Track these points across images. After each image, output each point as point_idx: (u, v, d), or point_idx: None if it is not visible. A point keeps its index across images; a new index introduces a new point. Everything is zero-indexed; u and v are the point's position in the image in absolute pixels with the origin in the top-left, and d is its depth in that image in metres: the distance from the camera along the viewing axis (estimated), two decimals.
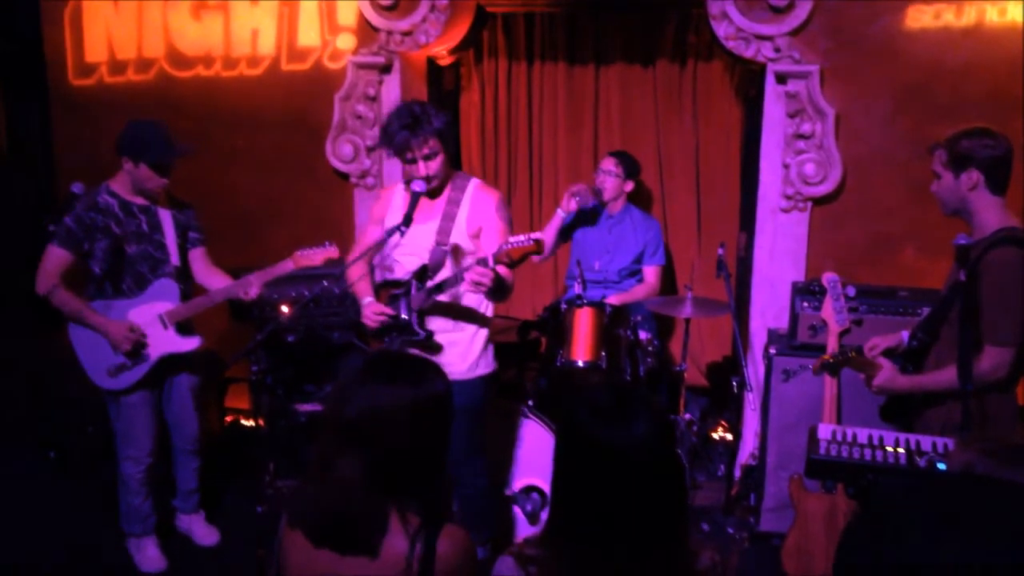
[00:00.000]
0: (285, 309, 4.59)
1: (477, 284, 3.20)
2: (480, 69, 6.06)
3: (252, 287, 3.87)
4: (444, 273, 3.47)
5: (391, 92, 5.13)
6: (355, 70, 5.12)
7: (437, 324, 3.55)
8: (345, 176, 5.27)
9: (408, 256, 3.57)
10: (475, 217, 3.53)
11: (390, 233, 3.38)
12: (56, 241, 3.82)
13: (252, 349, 4.17)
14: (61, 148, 5.77)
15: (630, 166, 5.15)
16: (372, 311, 3.53)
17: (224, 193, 5.34)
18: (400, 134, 3.36)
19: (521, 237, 3.17)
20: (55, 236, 3.83)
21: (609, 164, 5.12)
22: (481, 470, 3.79)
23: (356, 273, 3.66)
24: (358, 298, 3.65)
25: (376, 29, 5.07)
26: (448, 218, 3.52)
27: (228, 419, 5.50)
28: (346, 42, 5.22)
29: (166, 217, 3.97)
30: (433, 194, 3.53)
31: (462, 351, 3.58)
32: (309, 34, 5.27)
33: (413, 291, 3.48)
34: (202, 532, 4.31)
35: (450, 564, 1.88)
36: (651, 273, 5.14)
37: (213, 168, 5.29)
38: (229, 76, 5.42)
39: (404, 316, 3.49)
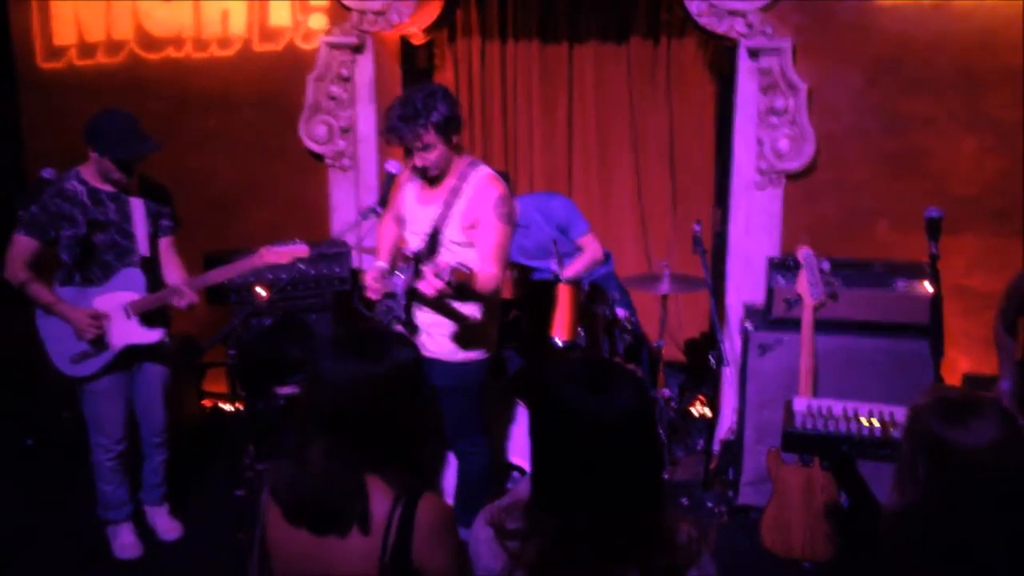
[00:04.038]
0: (262, 292, 4.56)
1: (423, 292, 3.23)
2: (454, 48, 6.02)
3: (185, 297, 3.79)
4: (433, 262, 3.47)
5: (364, 72, 5.10)
6: (328, 50, 5.08)
7: (426, 306, 3.57)
8: (320, 157, 5.24)
9: (413, 236, 3.60)
10: (472, 209, 3.49)
11: (365, 215, 3.42)
12: (22, 229, 3.74)
13: (228, 333, 4.14)
14: (30, 132, 5.69)
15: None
16: (371, 282, 3.54)
17: (197, 176, 5.29)
18: (395, 125, 3.38)
19: (465, 267, 3.17)
20: (21, 223, 3.76)
21: None
22: (481, 448, 3.81)
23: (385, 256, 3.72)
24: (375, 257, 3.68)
25: (348, 9, 5.03)
26: (446, 206, 3.51)
27: (207, 403, 5.47)
28: (318, 22, 5.17)
29: (138, 205, 3.84)
30: (434, 181, 3.53)
31: (447, 334, 3.58)
32: (281, 14, 5.22)
33: (411, 270, 3.52)
34: (166, 526, 4.25)
35: (427, 533, 1.89)
36: (585, 243, 4.85)
37: (186, 151, 5.23)
38: (200, 58, 5.36)
39: (398, 291, 3.53)
